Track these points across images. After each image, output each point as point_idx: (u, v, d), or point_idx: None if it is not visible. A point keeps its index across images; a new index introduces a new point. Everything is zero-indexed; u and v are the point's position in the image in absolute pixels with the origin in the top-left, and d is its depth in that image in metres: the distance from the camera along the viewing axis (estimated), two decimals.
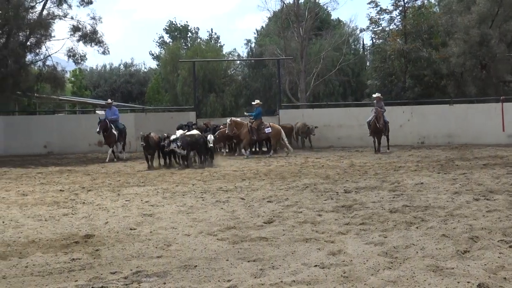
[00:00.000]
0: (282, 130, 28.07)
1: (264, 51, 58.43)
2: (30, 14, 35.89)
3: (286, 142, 28.22)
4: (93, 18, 36.78)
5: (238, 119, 28.95)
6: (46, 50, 36.84)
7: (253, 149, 29.77)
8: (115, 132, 26.89)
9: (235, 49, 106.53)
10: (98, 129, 26.49)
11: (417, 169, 19.24)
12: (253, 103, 29.70)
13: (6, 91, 34.83)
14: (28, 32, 34.93)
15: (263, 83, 60.07)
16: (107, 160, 26.15)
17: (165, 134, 22.52)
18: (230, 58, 66.40)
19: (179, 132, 22.96)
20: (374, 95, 29.50)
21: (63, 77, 39.55)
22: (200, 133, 23.69)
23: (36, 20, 35.04)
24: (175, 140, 21.87)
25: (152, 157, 22.58)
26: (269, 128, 27.44)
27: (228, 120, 27.00)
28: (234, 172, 20.29)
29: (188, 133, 23.37)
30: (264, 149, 30.03)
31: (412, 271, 7.18)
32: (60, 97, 45.58)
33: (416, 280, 6.84)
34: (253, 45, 66.28)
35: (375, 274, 7.10)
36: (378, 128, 27.41)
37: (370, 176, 17.57)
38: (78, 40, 36.54)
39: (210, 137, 22.88)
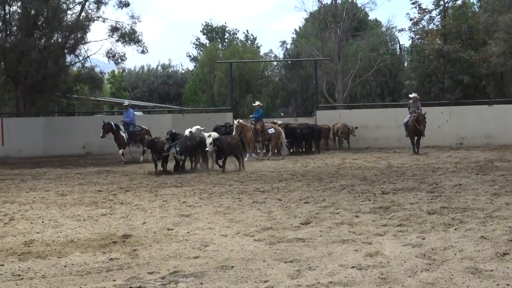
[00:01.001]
0: (282, 131, 27.88)
1: (301, 52, 58.31)
2: (69, 16, 36.33)
3: (285, 144, 28.02)
4: (132, 17, 37.11)
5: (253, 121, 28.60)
6: (86, 51, 37.28)
7: (291, 150, 29.76)
8: (123, 135, 26.77)
9: (271, 50, 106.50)
10: (101, 134, 26.49)
11: (456, 170, 19.07)
12: (254, 104, 29.49)
13: (45, 92, 35.28)
14: (66, 34, 35.32)
15: (300, 84, 59.94)
16: (122, 162, 26.05)
17: (173, 131, 21.83)
18: (267, 59, 66.34)
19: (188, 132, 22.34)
20: (411, 95, 29.23)
21: (101, 77, 39.95)
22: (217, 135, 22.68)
23: (74, 22, 35.42)
24: (175, 144, 21.04)
25: (162, 162, 21.47)
26: (272, 129, 27.33)
27: (236, 121, 26.58)
28: (271, 173, 20.29)
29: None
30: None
31: (451, 273, 7.12)
32: (99, 98, 46.03)
33: (455, 283, 6.78)
34: (288, 46, 66.13)
35: (413, 276, 7.06)
36: (418, 130, 27.09)
37: (407, 177, 17.46)
38: (117, 40, 36.89)
39: (209, 140, 20.97)
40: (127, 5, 37.32)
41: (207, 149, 20.88)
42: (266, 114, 52.57)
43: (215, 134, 22.89)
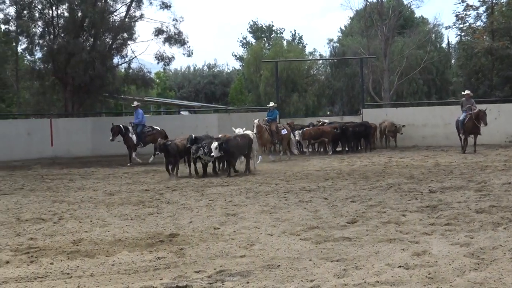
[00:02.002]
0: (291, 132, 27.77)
1: (346, 50, 58.10)
2: (114, 17, 36.68)
3: (294, 144, 27.84)
4: (175, 20, 37.28)
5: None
6: (132, 52, 37.59)
7: (336, 149, 29.75)
8: (131, 136, 26.76)
9: (314, 49, 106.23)
10: (111, 137, 26.63)
11: (505, 169, 18.78)
12: (268, 105, 29.12)
13: (93, 92, 35.67)
14: (113, 35, 35.67)
15: (346, 83, 59.66)
16: (140, 161, 26.12)
17: (193, 136, 20.83)
18: (312, 58, 66.17)
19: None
20: (463, 92, 28.69)
21: (152, 78, 40.27)
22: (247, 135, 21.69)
23: (120, 23, 35.74)
24: (202, 146, 19.95)
25: (173, 165, 20.60)
26: (285, 130, 27.13)
27: (256, 121, 26.16)
28: (317, 172, 20.24)
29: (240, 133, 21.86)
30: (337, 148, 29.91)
31: (500, 272, 7.04)
32: (145, 98, 46.35)
33: (504, 282, 6.70)
34: (335, 44, 65.88)
35: (461, 276, 6.99)
36: (477, 128, 26.46)
37: (455, 176, 17.26)
38: (164, 42, 37.10)
39: (214, 145, 19.49)
40: (168, 7, 37.50)
41: (212, 154, 19.54)
42: (312, 113, 52.70)
43: (249, 133, 22.49)
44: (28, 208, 13.70)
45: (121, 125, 26.82)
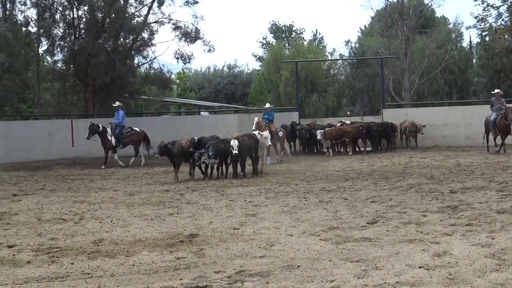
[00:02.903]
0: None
1: (366, 50, 57.96)
2: (136, 18, 36.80)
3: (286, 147, 27.86)
4: (195, 17, 37.33)
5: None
6: (153, 53, 37.70)
7: (356, 149, 29.74)
8: (109, 137, 26.50)
9: (334, 49, 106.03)
10: (87, 135, 26.34)
11: None
12: (265, 106, 28.95)
13: (114, 93, 35.79)
14: (134, 36, 35.77)
15: (366, 83, 59.56)
16: (122, 164, 25.87)
17: (195, 138, 20.28)
18: (332, 58, 66.07)
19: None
20: (493, 92, 28.27)
21: (171, 79, 40.26)
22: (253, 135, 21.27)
23: (141, 25, 35.85)
24: (206, 148, 19.26)
25: (177, 167, 20.00)
26: (281, 132, 27.11)
27: (256, 118, 25.88)
28: (337, 172, 20.20)
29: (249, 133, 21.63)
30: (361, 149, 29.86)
31: None
32: (166, 99, 46.46)
33: None
34: (353, 44, 65.78)
35: (482, 277, 6.95)
36: (508, 128, 26.08)
37: (476, 176, 17.15)
38: (180, 39, 37.12)
39: (234, 143, 19.10)
40: (195, 2, 37.53)
41: (235, 152, 18.98)
42: (332, 113, 52.66)
43: (267, 134, 22.38)
44: (49, 208, 13.79)
45: (100, 125, 26.64)
